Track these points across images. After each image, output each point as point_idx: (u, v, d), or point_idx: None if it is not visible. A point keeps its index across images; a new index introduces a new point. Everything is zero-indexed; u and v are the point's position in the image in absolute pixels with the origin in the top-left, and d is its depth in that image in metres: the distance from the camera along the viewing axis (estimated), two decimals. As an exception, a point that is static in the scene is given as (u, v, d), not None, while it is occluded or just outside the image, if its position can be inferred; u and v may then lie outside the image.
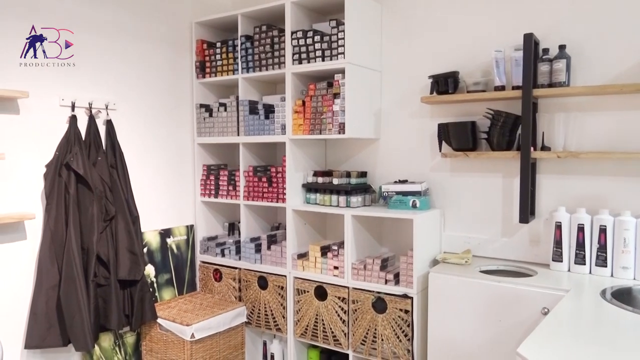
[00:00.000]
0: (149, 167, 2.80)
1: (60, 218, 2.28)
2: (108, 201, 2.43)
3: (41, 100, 2.30)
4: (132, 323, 2.49)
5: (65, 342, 2.26)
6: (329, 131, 2.48)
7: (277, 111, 2.65)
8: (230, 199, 2.89)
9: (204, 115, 2.97)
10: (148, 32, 2.77)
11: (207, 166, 3.04)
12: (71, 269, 2.24)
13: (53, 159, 2.32)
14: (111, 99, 2.59)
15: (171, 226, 2.93)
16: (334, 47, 2.43)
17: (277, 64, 2.64)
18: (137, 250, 2.49)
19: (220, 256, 2.93)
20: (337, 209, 2.51)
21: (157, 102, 2.84)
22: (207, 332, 2.53)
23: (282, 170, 2.65)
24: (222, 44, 2.88)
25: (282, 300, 2.66)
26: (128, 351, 2.65)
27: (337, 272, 2.48)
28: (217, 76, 2.92)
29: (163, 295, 2.85)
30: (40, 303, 2.23)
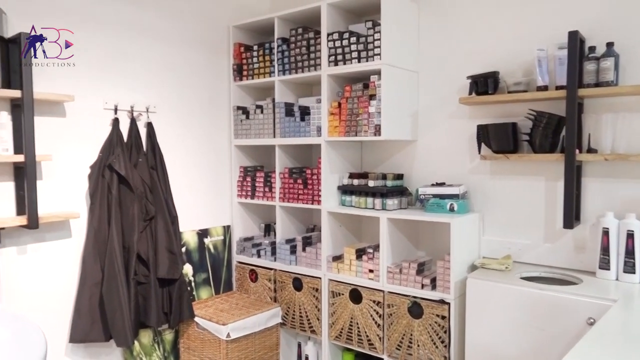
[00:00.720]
0: (187, 169, 2.86)
1: (103, 217, 2.36)
2: (148, 201, 2.49)
3: (86, 104, 2.39)
4: (171, 321, 2.55)
5: (107, 338, 2.34)
6: (364, 133, 2.46)
7: (313, 113, 2.65)
8: (266, 200, 2.92)
9: (240, 117, 3.01)
10: (187, 37, 2.83)
11: (244, 168, 3.07)
12: (113, 267, 2.32)
13: (97, 160, 2.41)
14: (152, 102, 2.66)
15: (209, 226, 2.98)
16: (369, 48, 2.41)
17: (313, 66, 2.64)
18: (176, 250, 2.55)
19: (256, 257, 2.95)
20: (373, 211, 2.48)
21: (196, 104, 2.90)
22: (243, 332, 2.55)
23: (317, 172, 2.65)
24: (258, 46, 2.91)
25: (316, 303, 2.66)
26: (167, 348, 2.71)
27: (372, 276, 2.46)
28: (254, 79, 2.95)
29: (200, 294, 2.90)
30: (84, 299, 2.31)
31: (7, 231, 2.12)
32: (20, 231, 2.17)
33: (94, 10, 2.40)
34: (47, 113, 2.25)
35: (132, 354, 2.55)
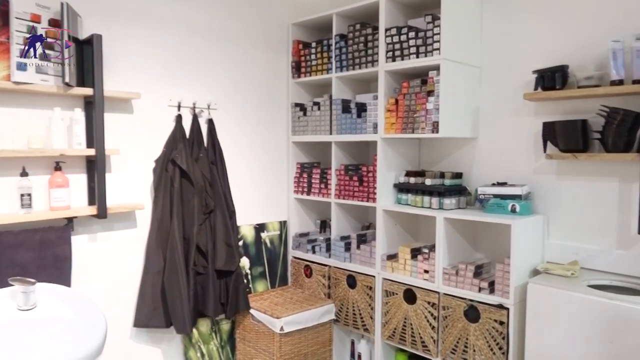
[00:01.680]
0: (245, 164, 2.93)
1: (165, 209, 2.47)
2: (208, 195, 2.58)
3: (152, 101, 2.51)
4: (227, 311, 2.63)
5: (167, 324, 2.45)
6: (422, 130, 2.40)
7: (370, 110, 2.63)
8: (322, 196, 2.93)
9: (298, 114, 3.04)
10: (248, 36, 2.90)
11: (301, 164, 3.10)
12: (174, 257, 2.42)
13: (161, 154, 2.52)
14: (213, 99, 2.74)
15: (265, 221, 3.04)
16: (428, 43, 2.35)
17: (371, 62, 2.61)
18: (233, 243, 2.62)
19: (311, 252, 2.98)
20: (430, 210, 2.42)
21: (255, 101, 2.96)
22: (296, 327, 2.58)
23: (373, 170, 2.62)
24: (317, 43, 2.93)
25: (370, 301, 2.64)
26: (223, 337, 2.80)
27: (428, 276, 2.40)
28: (311, 76, 2.97)
29: (256, 287, 2.97)
30: (147, 286, 2.43)
31: (79, 220, 2.27)
32: (91, 220, 2.32)
33: (159, 12, 2.51)
34: (116, 110, 2.39)
35: (191, 341, 2.65)
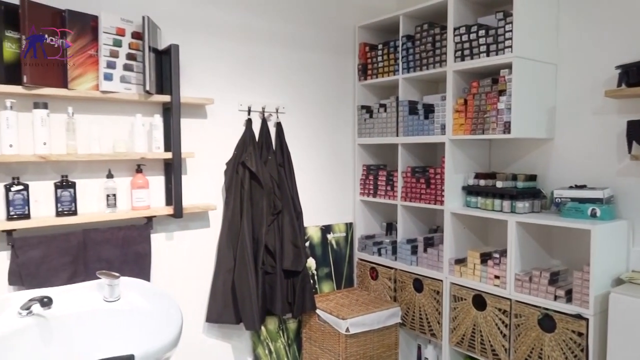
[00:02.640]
0: (312, 166, 2.98)
1: (236, 210, 2.57)
2: (276, 197, 2.65)
3: (223, 106, 2.62)
4: (294, 310, 2.68)
5: (237, 321, 2.54)
6: (492, 131, 2.32)
7: (437, 111, 2.58)
8: (388, 199, 2.91)
9: (364, 116, 3.05)
10: (314, 40, 2.95)
11: (367, 166, 3.10)
12: (243, 256, 2.51)
13: (232, 157, 2.62)
14: (281, 103, 2.82)
15: (331, 223, 3.07)
16: (500, 40, 2.27)
17: (438, 62, 2.56)
18: (300, 244, 2.67)
19: (377, 255, 2.97)
20: (501, 214, 2.34)
21: (321, 104, 3.01)
22: (362, 328, 2.58)
23: (441, 172, 2.57)
24: (383, 45, 2.92)
25: (437, 306, 2.59)
26: (290, 336, 2.86)
27: (498, 282, 2.31)
28: (378, 78, 2.96)
29: (322, 287, 3.01)
30: (218, 283, 2.54)
31: (158, 219, 2.42)
32: (168, 219, 2.46)
33: (229, 21, 2.62)
34: (192, 115, 2.52)
35: (260, 338, 2.74)
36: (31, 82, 1.98)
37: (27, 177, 2.09)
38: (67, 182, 2.14)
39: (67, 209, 2.13)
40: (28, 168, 2.11)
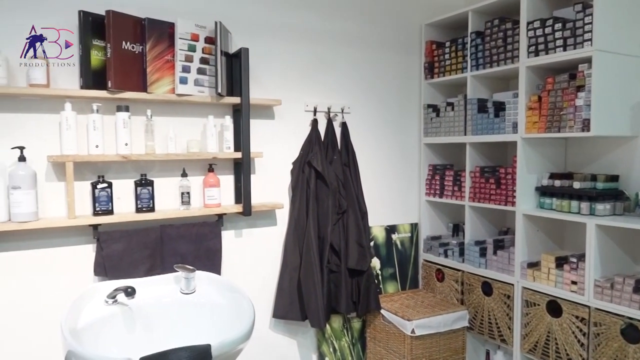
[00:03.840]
0: (377, 166, 2.97)
1: (302, 209, 2.61)
2: (341, 196, 2.67)
3: (290, 107, 2.67)
4: (359, 310, 2.69)
5: (303, 318, 2.58)
6: (569, 129, 2.21)
7: (509, 108, 2.49)
8: (455, 199, 2.84)
9: (431, 115, 2.99)
10: (380, 39, 2.94)
11: (433, 166, 3.05)
12: (309, 255, 2.55)
13: (298, 157, 2.67)
14: (346, 103, 2.83)
15: (396, 223, 3.04)
16: (578, 34, 2.15)
17: (510, 59, 2.47)
18: (365, 243, 2.67)
19: (443, 256, 2.91)
20: (578, 216, 2.22)
21: (387, 104, 2.99)
22: (428, 330, 2.54)
23: (512, 172, 2.48)
24: (451, 43, 2.86)
25: (508, 310, 2.49)
26: (354, 335, 2.86)
27: (576, 288, 2.19)
28: (445, 76, 2.90)
29: (387, 288, 2.99)
30: (285, 280, 2.60)
31: (227, 216, 2.51)
32: (237, 217, 2.55)
33: (295, 23, 2.67)
34: (260, 116, 2.59)
35: (324, 335, 2.77)
36: (115, 87, 2.12)
37: (110, 176, 2.24)
38: (146, 181, 2.27)
39: (146, 206, 2.26)
40: (111, 167, 2.26)
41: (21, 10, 2.05)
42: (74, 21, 2.10)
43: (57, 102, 2.11)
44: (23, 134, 2.07)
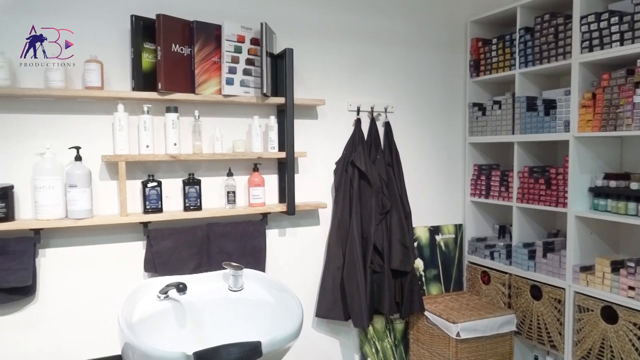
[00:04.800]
0: (421, 166, 2.94)
1: (345, 208, 2.61)
2: (384, 196, 2.65)
3: (333, 107, 2.68)
4: (402, 311, 2.66)
5: (346, 317, 2.58)
6: (627, 127, 2.11)
7: (560, 106, 2.41)
8: (502, 200, 2.77)
9: (476, 114, 2.93)
10: (424, 37, 2.90)
11: (478, 166, 2.98)
12: (353, 255, 2.54)
13: (341, 157, 2.67)
14: (390, 103, 2.81)
15: (440, 224, 3.00)
16: (637, 27, 2.05)
17: (562, 55, 2.39)
18: (409, 244, 2.64)
19: (489, 258, 2.84)
20: (636, 219, 2.12)
21: (430, 103, 2.95)
22: (473, 334, 2.49)
23: (563, 172, 2.39)
24: (498, 39, 2.79)
25: (558, 315, 2.41)
26: (397, 336, 2.84)
27: (633, 294, 2.10)
28: (491, 74, 2.84)
29: (430, 289, 2.94)
30: (328, 280, 2.60)
31: (271, 215, 2.53)
32: (280, 216, 2.57)
33: (337, 23, 2.67)
34: (303, 116, 2.60)
35: (367, 336, 2.75)
36: (165, 89, 2.18)
37: (159, 175, 2.30)
38: (193, 180, 2.32)
39: (193, 205, 2.31)
40: (160, 166, 2.32)
41: (69, 14, 2.14)
42: (124, 25, 2.18)
43: (110, 104, 2.18)
44: (78, 134, 2.16)
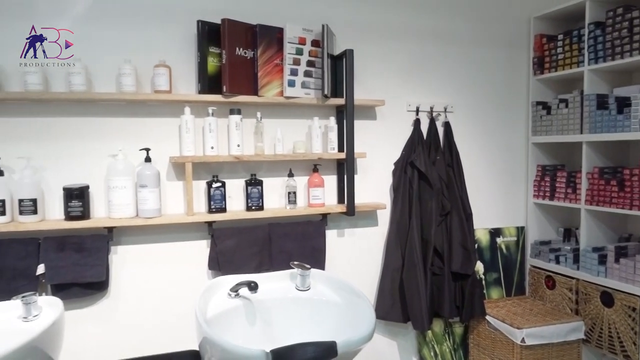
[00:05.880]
0: (481, 166, 2.87)
1: (404, 210, 2.58)
2: (444, 197, 2.61)
3: (392, 107, 2.66)
4: (462, 315, 2.61)
5: (405, 319, 2.55)
6: None
7: (635, 104, 2.29)
8: (568, 202, 2.66)
9: (540, 113, 2.83)
10: (483, 34, 2.83)
11: (542, 166, 2.88)
12: (412, 256, 2.51)
13: (400, 157, 2.65)
14: (449, 102, 2.76)
15: (501, 226, 2.92)
16: None
17: (637, 50, 2.27)
18: (470, 246, 2.59)
19: (554, 263, 2.73)
20: None
21: (492, 102, 2.87)
22: (539, 340, 2.41)
23: (638, 173, 2.28)
24: (564, 35, 2.68)
25: (632, 324, 2.29)
26: (456, 340, 2.78)
27: None
28: (557, 71, 2.73)
29: (491, 293, 2.87)
30: (386, 281, 2.58)
31: (330, 216, 2.54)
32: (339, 217, 2.57)
33: (396, 22, 2.64)
34: (362, 117, 2.60)
35: (425, 339, 2.71)
36: (229, 91, 2.23)
37: (223, 176, 2.35)
38: (255, 180, 2.36)
39: (256, 205, 2.36)
40: (223, 167, 2.38)
41: (144, 21, 2.22)
42: (188, 31, 2.24)
43: (177, 107, 2.26)
44: (147, 136, 2.25)
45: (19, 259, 2.03)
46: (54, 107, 2.12)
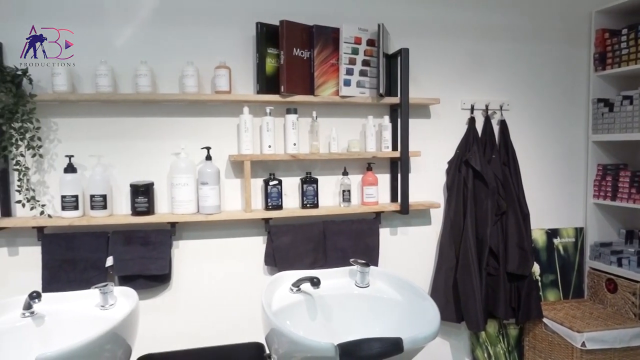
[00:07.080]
0: (538, 165, 2.80)
1: (458, 209, 2.56)
2: (500, 197, 2.56)
3: (446, 105, 2.63)
4: (518, 317, 2.56)
5: (458, 319, 2.53)
6: None
7: None
8: (632, 203, 2.57)
9: (602, 110, 2.74)
10: (541, 31, 2.76)
11: (603, 166, 2.79)
12: (467, 256, 2.49)
13: (454, 156, 2.62)
14: (505, 100, 2.71)
15: (558, 226, 2.84)
16: None
17: None
18: (527, 247, 2.54)
19: (616, 265, 2.64)
20: None
21: (549, 99, 2.80)
22: (601, 345, 2.34)
23: None
24: (629, 29, 2.58)
25: (703, 331, 2.19)
26: (511, 342, 2.73)
27: None
28: (620, 67, 2.63)
29: (547, 295, 2.80)
30: (439, 280, 2.57)
31: (383, 214, 2.55)
32: (392, 215, 2.58)
33: (451, 19, 2.61)
34: (417, 115, 2.59)
35: (479, 340, 2.68)
36: (287, 91, 2.28)
37: (279, 174, 2.41)
38: (310, 178, 2.40)
39: (311, 202, 2.40)
40: (280, 165, 2.43)
41: (203, 23, 2.30)
42: (246, 32, 2.30)
43: (235, 107, 2.32)
44: (207, 135, 2.33)
45: (91, 251, 2.15)
46: (121, 107, 2.23)
